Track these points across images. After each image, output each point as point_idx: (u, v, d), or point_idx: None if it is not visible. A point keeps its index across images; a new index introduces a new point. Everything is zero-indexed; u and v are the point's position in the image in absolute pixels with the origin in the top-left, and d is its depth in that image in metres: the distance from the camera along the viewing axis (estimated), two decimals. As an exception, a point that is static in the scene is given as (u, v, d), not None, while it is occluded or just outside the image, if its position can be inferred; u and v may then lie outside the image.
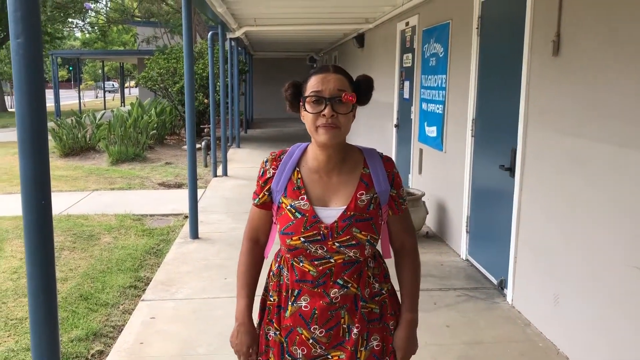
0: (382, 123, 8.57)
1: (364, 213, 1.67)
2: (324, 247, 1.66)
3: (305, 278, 1.70)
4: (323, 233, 1.66)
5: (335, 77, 1.65)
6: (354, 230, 1.65)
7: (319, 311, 1.69)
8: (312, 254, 1.68)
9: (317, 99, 1.63)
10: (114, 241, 5.73)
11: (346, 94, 1.62)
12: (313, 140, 1.70)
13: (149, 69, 14.42)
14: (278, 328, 1.76)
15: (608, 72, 2.95)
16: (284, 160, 1.75)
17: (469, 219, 4.95)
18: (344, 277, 1.69)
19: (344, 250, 1.66)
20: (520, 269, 3.95)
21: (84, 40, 34.88)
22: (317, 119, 1.63)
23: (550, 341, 3.50)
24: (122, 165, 10.67)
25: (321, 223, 1.66)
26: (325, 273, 1.68)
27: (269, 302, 1.79)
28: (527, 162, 3.83)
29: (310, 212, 1.67)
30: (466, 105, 4.92)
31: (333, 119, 1.61)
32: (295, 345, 1.73)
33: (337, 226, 1.66)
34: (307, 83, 1.67)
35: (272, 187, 1.74)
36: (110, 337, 3.69)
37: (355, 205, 1.68)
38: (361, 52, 10.61)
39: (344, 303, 1.70)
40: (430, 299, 4.14)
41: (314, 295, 1.70)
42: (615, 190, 2.89)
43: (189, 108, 5.55)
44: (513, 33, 4.02)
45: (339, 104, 1.62)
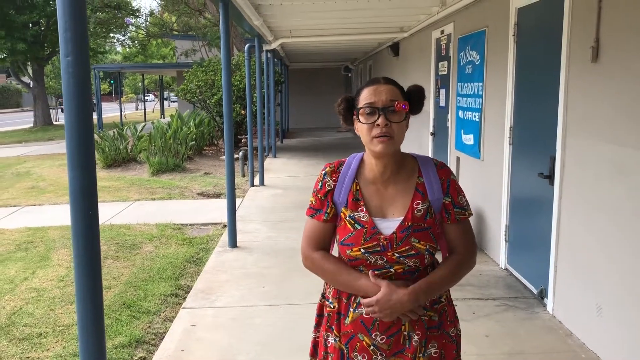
0: (418, 131, 8.54)
1: (422, 223, 1.69)
2: (383, 258, 1.68)
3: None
4: (382, 244, 1.68)
5: (386, 87, 1.69)
6: (412, 240, 1.67)
7: (380, 324, 1.70)
8: (372, 264, 1.70)
9: (370, 110, 1.67)
10: (155, 250, 5.86)
11: (399, 102, 1.66)
12: (368, 150, 1.73)
13: (187, 81, 14.72)
14: (338, 335, 1.77)
15: (649, 77, 2.89)
16: (343, 171, 1.78)
17: (507, 227, 4.89)
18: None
19: (404, 260, 1.68)
20: (560, 278, 3.88)
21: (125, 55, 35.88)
22: (371, 129, 1.66)
23: (594, 352, 3.42)
24: (163, 175, 10.91)
25: (380, 234, 1.69)
26: None
27: (328, 309, 1.80)
28: (566, 170, 3.77)
29: (369, 223, 1.70)
30: (503, 112, 4.88)
31: (387, 128, 1.64)
32: (356, 351, 1.74)
33: (395, 237, 1.68)
34: (360, 96, 1.71)
35: (334, 200, 1.76)
36: (152, 344, 3.78)
37: (413, 215, 1.69)
38: (396, 60, 10.61)
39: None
40: (469, 309, 4.10)
41: None
42: (659, 198, 2.82)
43: (227, 119, 5.65)
44: (550, 39, 3.97)
45: (392, 114, 1.66)
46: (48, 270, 5.26)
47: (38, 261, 5.53)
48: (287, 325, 3.93)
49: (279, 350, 3.56)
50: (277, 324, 3.96)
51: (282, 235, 6.23)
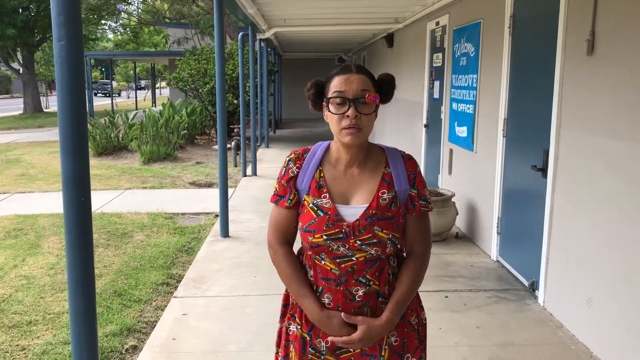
0: (412, 123, 8.54)
1: (386, 212, 1.69)
2: (345, 245, 1.68)
3: (328, 276, 1.71)
4: (345, 231, 1.67)
5: (358, 77, 1.66)
6: (375, 228, 1.66)
7: (342, 308, 1.71)
8: (334, 252, 1.69)
9: (341, 101, 1.64)
10: (146, 239, 5.84)
11: (370, 94, 1.64)
12: (336, 140, 1.72)
13: (180, 69, 14.62)
14: (300, 323, 1.77)
15: (645, 71, 2.89)
16: (307, 158, 1.77)
17: (499, 219, 4.91)
18: (366, 276, 1.70)
19: (366, 248, 1.67)
20: (552, 270, 3.90)
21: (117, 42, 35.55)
22: (341, 120, 1.65)
23: (583, 344, 3.44)
24: (154, 164, 10.85)
25: (343, 221, 1.68)
26: (348, 271, 1.70)
27: (292, 298, 1.81)
28: (559, 163, 3.78)
29: (332, 210, 1.69)
30: (497, 105, 4.88)
31: (357, 120, 1.63)
32: (319, 337, 1.75)
33: (359, 224, 1.67)
34: (330, 83, 1.68)
35: (297, 187, 1.76)
36: (143, 332, 3.76)
37: (377, 203, 1.69)
38: (390, 52, 10.58)
39: (367, 300, 1.71)
40: (460, 300, 4.12)
41: (336, 293, 1.71)
42: (651, 192, 2.83)
43: (220, 109, 5.62)
44: (546, 32, 3.97)
45: (362, 105, 1.64)
46: (38, 257, 5.22)
47: (28, 249, 5.48)
48: (279, 315, 3.92)
49: (270, 339, 3.53)
50: (269, 313, 3.95)
51: (274, 225, 6.20)
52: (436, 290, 4.30)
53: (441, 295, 4.22)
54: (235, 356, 3.37)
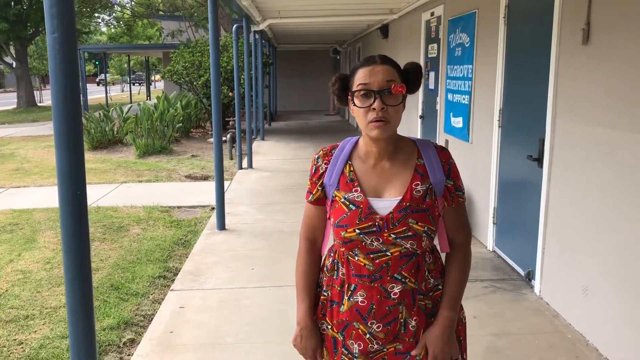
0: (407, 114, 8.52)
1: (420, 204, 1.64)
2: (379, 239, 1.63)
3: (362, 272, 1.67)
4: (378, 224, 1.63)
5: (383, 68, 1.61)
6: (410, 221, 1.62)
7: (376, 306, 1.67)
8: (367, 247, 1.65)
9: (365, 93, 1.60)
10: (142, 232, 5.83)
11: (395, 84, 1.58)
12: (364, 134, 1.68)
13: (174, 62, 14.56)
14: (330, 323, 1.74)
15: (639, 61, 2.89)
16: (336, 154, 1.74)
17: (495, 210, 4.92)
18: (401, 272, 1.65)
19: (401, 242, 1.63)
20: (548, 260, 3.92)
21: (110, 35, 35.33)
22: (367, 113, 1.60)
23: (580, 332, 3.46)
24: (149, 158, 10.82)
25: (376, 214, 1.64)
26: (382, 267, 1.65)
27: (322, 297, 1.77)
28: (555, 153, 3.79)
29: (364, 203, 1.65)
30: (493, 95, 4.88)
31: (383, 112, 1.58)
32: (352, 339, 1.70)
33: (392, 217, 1.63)
34: (355, 76, 1.64)
35: (324, 182, 1.73)
36: (141, 326, 3.77)
37: (411, 196, 1.64)
38: (385, 43, 10.56)
39: (402, 298, 1.67)
40: (457, 290, 4.13)
41: (370, 290, 1.67)
42: (647, 180, 2.84)
43: (215, 101, 5.60)
44: (541, 21, 3.96)
45: (388, 96, 1.58)
46: (34, 252, 5.21)
47: (24, 243, 5.47)
48: (276, 307, 3.93)
49: (268, 331, 3.57)
50: (266, 305, 3.96)
51: (270, 217, 6.22)
52: (433, 281, 4.31)
53: (438, 285, 4.23)
54: (232, 348, 3.38)
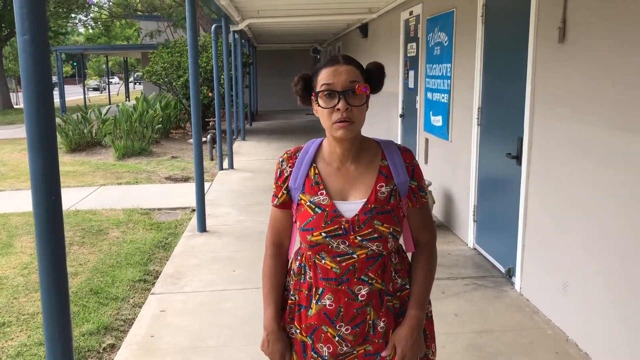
0: (388, 113, 8.56)
1: (385, 205, 1.65)
2: (345, 242, 1.63)
3: (329, 276, 1.66)
4: (344, 227, 1.63)
5: (346, 68, 1.60)
6: (375, 223, 1.62)
7: (344, 309, 1.66)
8: (334, 250, 1.64)
9: (329, 93, 1.59)
10: (122, 235, 5.76)
11: (359, 85, 1.58)
12: (328, 134, 1.67)
13: (153, 63, 14.42)
14: (298, 327, 1.74)
15: (615, 59, 2.92)
16: (300, 157, 1.73)
17: (476, 207, 4.95)
18: (368, 274, 1.65)
19: (367, 244, 1.63)
20: (528, 257, 3.95)
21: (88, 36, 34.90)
22: (331, 113, 1.59)
23: (560, 328, 3.50)
24: (129, 159, 10.70)
25: (342, 217, 1.64)
26: (349, 269, 1.65)
27: (290, 301, 1.77)
28: (533, 150, 3.82)
29: (330, 206, 1.65)
30: (472, 93, 4.91)
31: (348, 112, 1.58)
32: (321, 342, 1.70)
33: (358, 219, 1.63)
34: (318, 76, 1.63)
35: (290, 185, 1.72)
36: (121, 330, 3.72)
37: (376, 197, 1.65)
38: (365, 42, 10.57)
39: (370, 300, 1.66)
40: (439, 288, 4.15)
41: (338, 293, 1.66)
42: (623, 178, 2.87)
43: (194, 101, 5.55)
44: (518, 20, 3.99)
45: (352, 97, 1.58)
46: (11, 257, 5.11)
47: (0, 248, 5.37)
48: (258, 309, 3.90)
49: (250, 334, 3.54)
50: (248, 307, 3.94)
51: (251, 218, 6.19)
52: (414, 280, 4.32)
53: (419, 284, 4.24)
54: (214, 351, 3.35)
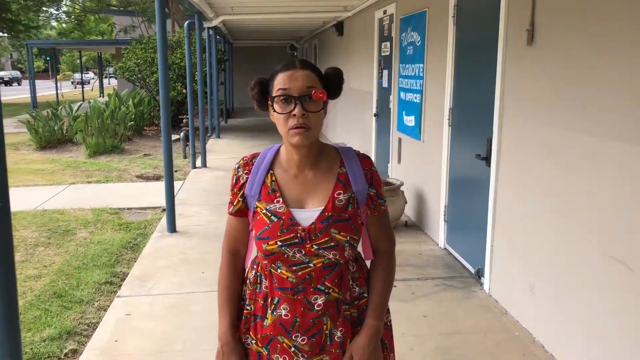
0: (362, 112, 8.54)
1: (342, 213, 1.61)
2: (302, 251, 1.59)
3: (285, 285, 1.63)
4: (300, 236, 1.59)
5: (303, 73, 1.57)
6: (332, 231, 1.59)
7: (300, 319, 1.63)
8: (289, 259, 1.61)
9: (285, 98, 1.55)
10: (90, 236, 5.64)
11: (316, 90, 1.55)
12: (285, 141, 1.63)
13: (126, 59, 14.20)
14: (254, 337, 1.70)
15: (581, 62, 2.93)
16: (257, 163, 1.68)
17: (446, 208, 4.96)
18: (324, 283, 1.62)
19: (323, 252, 1.59)
20: (496, 258, 3.96)
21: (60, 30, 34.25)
22: (287, 119, 1.55)
23: (527, 330, 3.51)
24: (100, 157, 10.52)
25: (298, 225, 1.60)
26: (305, 279, 1.61)
27: (246, 311, 1.73)
28: (502, 152, 3.83)
29: (286, 214, 1.61)
30: (443, 94, 4.90)
31: (304, 118, 1.54)
32: (277, 353, 1.66)
33: (314, 228, 1.59)
34: (274, 81, 1.59)
35: (245, 193, 1.67)
36: (84, 335, 3.63)
37: (333, 205, 1.61)
38: (340, 40, 10.54)
39: (326, 309, 1.63)
40: (408, 289, 4.14)
41: (294, 303, 1.63)
42: (589, 180, 2.89)
43: (164, 99, 5.45)
44: (489, 21, 3.99)
45: (309, 102, 1.55)
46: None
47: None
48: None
49: (217, 337, 3.48)
50: (216, 310, 3.86)
51: (223, 219, 6.07)
52: (385, 281, 4.30)
53: (390, 285, 4.23)
54: (179, 356, 3.29)
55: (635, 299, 2.54)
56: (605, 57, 2.74)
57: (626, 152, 2.59)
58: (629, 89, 2.57)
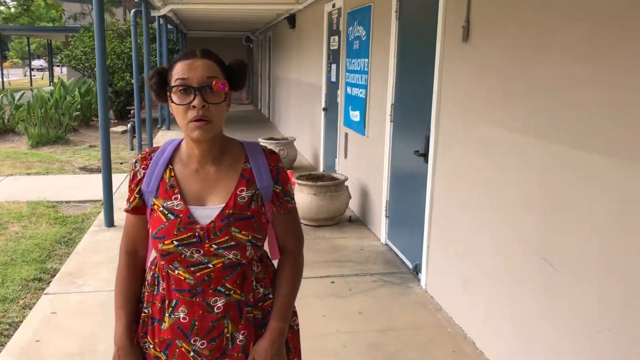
0: (312, 106, 8.48)
1: (245, 211, 1.54)
2: (200, 251, 1.51)
3: (182, 287, 1.55)
4: (199, 234, 1.51)
5: (203, 62, 1.49)
6: (233, 230, 1.52)
7: (199, 322, 1.55)
8: (187, 259, 1.52)
9: (184, 89, 1.46)
10: (22, 230, 5.41)
11: (217, 81, 1.47)
12: (185, 135, 1.55)
13: (73, 47, 13.77)
14: (152, 342, 1.61)
15: (514, 60, 2.94)
16: (155, 158, 1.60)
17: (388, 203, 4.95)
18: (225, 284, 1.55)
19: (223, 252, 1.52)
20: (433, 253, 3.97)
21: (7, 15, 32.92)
22: (186, 111, 1.47)
23: (459, 326, 3.53)
24: (43, 148, 10.15)
25: (197, 224, 1.52)
26: (204, 280, 1.54)
27: (143, 314, 1.64)
28: (439, 148, 3.83)
29: (184, 212, 1.53)
30: (386, 90, 4.89)
31: (204, 110, 1.46)
32: (175, 357, 1.59)
33: (214, 226, 1.52)
34: (173, 70, 1.51)
35: (142, 189, 1.58)
36: (5, 335, 3.46)
37: (235, 202, 1.54)
38: (293, 33, 10.45)
39: (227, 312, 1.56)
40: (346, 285, 4.11)
41: (192, 306, 1.55)
42: (519, 179, 2.90)
43: (101, 87, 5.26)
44: (428, 17, 3.98)
45: (209, 93, 1.47)
46: None
47: None
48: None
49: (146, 336, 3.38)
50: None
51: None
52: (323, 276, 4.27)
53: (328, 281, 4.20)
54: (103, 357, 3.16)
55: (560, 298, 2.57)
56: (533, 57, 2.75)
57: (551, 153, 2.61)
58: (554, 89, 2.59)
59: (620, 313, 2.20)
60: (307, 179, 5.59)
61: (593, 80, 2.33)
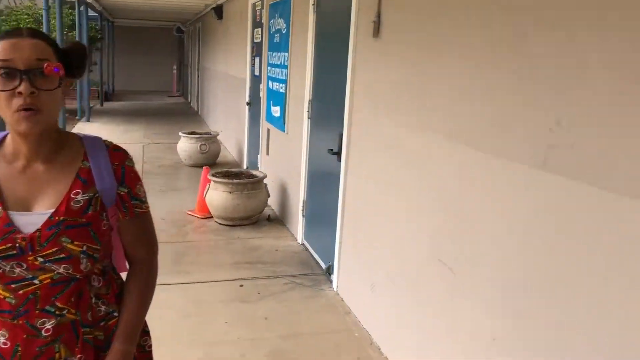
0: (237, 100, 8.25)
1: (79, 217, 1.33)
2: (22, 265, 1.30)
3: (2, 308, 1.33)
4: (20, 246, 1.29)
5: (31, 42, 1.26)
6: (63, 240, 1.31)
7: (22, 348, 1.33)
8: (7, 275, 1.30)
9: (7, 72, 1.23)
10: None
11: (49, 63, 1.26)
12: (10, 127, 1.31)
13: (-15, 30, 12.86)
14: None
15: (422, 58, 2.84)
16: None
17: (305, 202, 4.81)
18: (55, 303, 1.34)
19: (51, 266, 1.31)
20: (344, 255, 3.86)
21: None
22: (11, 99, 1.24)
23: (367, 331, 3.43)
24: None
25: (18, 233, 1.30)
26: (28, 298, 1.32)
27: None
28: (351, 147, 3.72)
29: (3, 219, 1.30)
30: (304, 85, 4.74)
31: (33, 97, 1.23)
32: None
33: (39, 236, 1.30)
34: None
35: None
36: None
37: (67, 207, 1.33)
38: (220, 24, 10.15)
39: (58, 334, 1.35)
40: (255, 289, 3.93)
41: (14, 329, 1.33)
42: (422, 180, 2.81)
43: None
44: (343, 12, 3.85)
45: (40, 78, 1.25)
46: None
47: None
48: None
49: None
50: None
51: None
52: (232, 280, 4.07)
53: (236, 284, 4.01)
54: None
55: (457, 300, 2.49)
56: (437, 57, 2.66)
57: (453, 151, 2.53)
58: (456, 89, 2.50)
59: (503, 322, 2.13)
60: (222, 176, 5.37)
61: (479, 82, 2.26)
